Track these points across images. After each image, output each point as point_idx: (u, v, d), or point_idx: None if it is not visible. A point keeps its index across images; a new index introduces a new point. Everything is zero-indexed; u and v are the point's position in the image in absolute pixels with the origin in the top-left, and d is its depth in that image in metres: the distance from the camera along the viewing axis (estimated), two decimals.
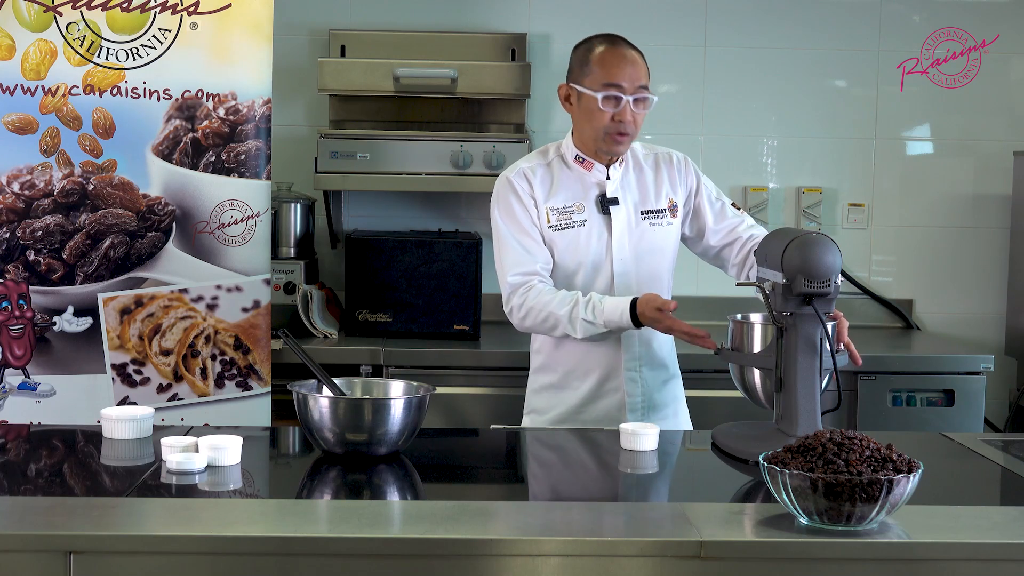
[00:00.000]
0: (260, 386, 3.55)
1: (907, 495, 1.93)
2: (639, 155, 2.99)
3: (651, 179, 2.96)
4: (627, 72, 2.82)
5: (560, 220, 2.88)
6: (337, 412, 2.35)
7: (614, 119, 2.82)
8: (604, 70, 2.82)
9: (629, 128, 2.83)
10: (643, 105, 2.84)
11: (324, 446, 2.39)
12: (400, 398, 2.38)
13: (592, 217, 2.89)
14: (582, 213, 2.89)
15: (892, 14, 4.44)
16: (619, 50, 2.85)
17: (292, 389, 2.44)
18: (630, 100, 2.81)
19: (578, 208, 2.89)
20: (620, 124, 2.82)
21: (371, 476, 2.32)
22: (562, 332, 2.80)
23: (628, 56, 2.84)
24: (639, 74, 2.83)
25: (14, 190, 3.45)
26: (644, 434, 2.49)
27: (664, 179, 2.96)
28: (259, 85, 3.52)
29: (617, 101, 2.81)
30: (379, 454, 2.38)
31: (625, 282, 2.90)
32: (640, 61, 2.85)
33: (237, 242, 3.52)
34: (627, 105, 2.81)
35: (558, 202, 2.89)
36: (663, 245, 2.94)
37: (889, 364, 3.83)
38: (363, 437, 2.35)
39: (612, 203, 2.89)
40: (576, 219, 2.88)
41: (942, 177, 4.51)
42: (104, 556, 1.90)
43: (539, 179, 2.90)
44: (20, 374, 3.49)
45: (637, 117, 2.84)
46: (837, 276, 2.40)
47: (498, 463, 2.62)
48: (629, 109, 2.81)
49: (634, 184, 2.94)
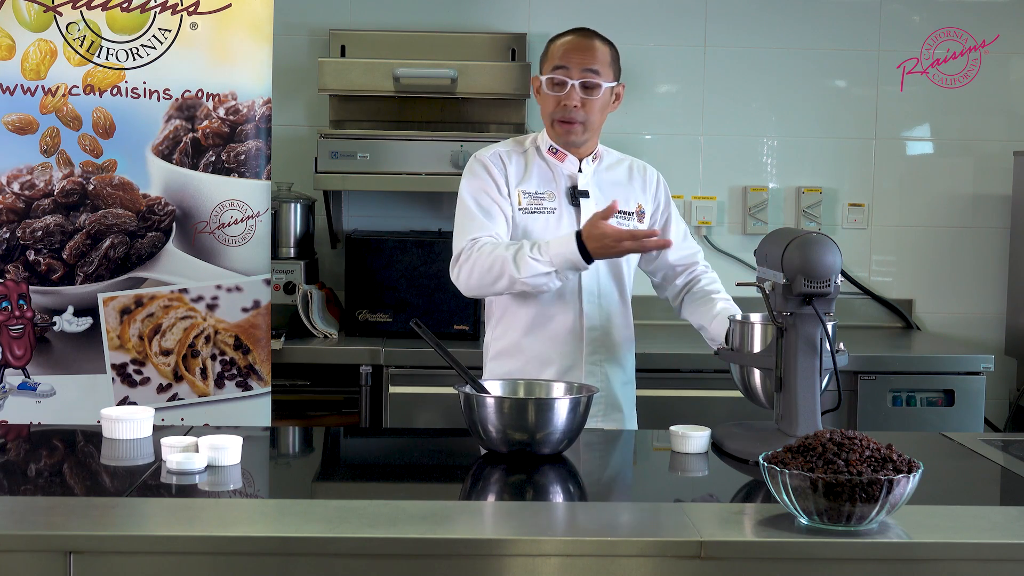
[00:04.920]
0: (260, 386, 3.55)
1: (907, 495, 1.93)
2: (614, 158, 2.98)
3: (623, 182, 2.95)
4: (575, 56, 2.79)
5: (531, 204, 2.86)
6: (503, 411, 2.40)
7: (560, 104, 2.78)
8: (555, 56, 2.81)
9: (577, 114, 2.79)
10: (593, 92, 2.79)
11: (489, 445, 2.44)
12: (564, 398, 2.43)
13: (562, 207, 2.87)
14: (553, 201, 2.87)
15: (892, 14, 4.44)
16: (575, 38, 2.83)
17: (459, 390, 2.48)
18: (576, 84, 2.77)
19: (549, 196, 2.88)
20: (565, 109, 2.78)
21: (534, 476, 2.35)
22: (507, 279, 2.69)
23: (583, 43, 2.81)
24: (589, 59, 2.79)
25: (14, 190, 3.45)
26: (694, 436, 2.50)
27: (636, 186, 2.96)
28: (259, 85, 3.52)
29: (563, 85, 2.78)
30: (543, 454, 2.41)
31: (592, 275, 2.87)
32: (597, 48, 2.81)
33: (237, 242, 3.52)
34: (573, 89, 2.77)
35: (531, 186, 2.88)
36: None
37: (889, 364, 3.83)
38: (526, 437, 2.39)
39: (583, 195, 2.88)
40: (547, 205, 2.87)
41: (942, 177, 4.51)
42: (104, 556, 1.90)
43: (513, 163, 2.89)
44: (20, 374, 3.49)
45: (587, 104, 2.79)
46: (837, 276, 2.40)
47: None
48: (576, 94, 2.77)
49: (605, 183, 2.92)
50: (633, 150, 4.42)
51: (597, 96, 2.79)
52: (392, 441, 2.95)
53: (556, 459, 2.43)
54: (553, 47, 2.85)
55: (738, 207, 4.47)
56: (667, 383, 3.77)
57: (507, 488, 2.33)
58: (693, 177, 4.46)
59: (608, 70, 2.82)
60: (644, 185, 2.97)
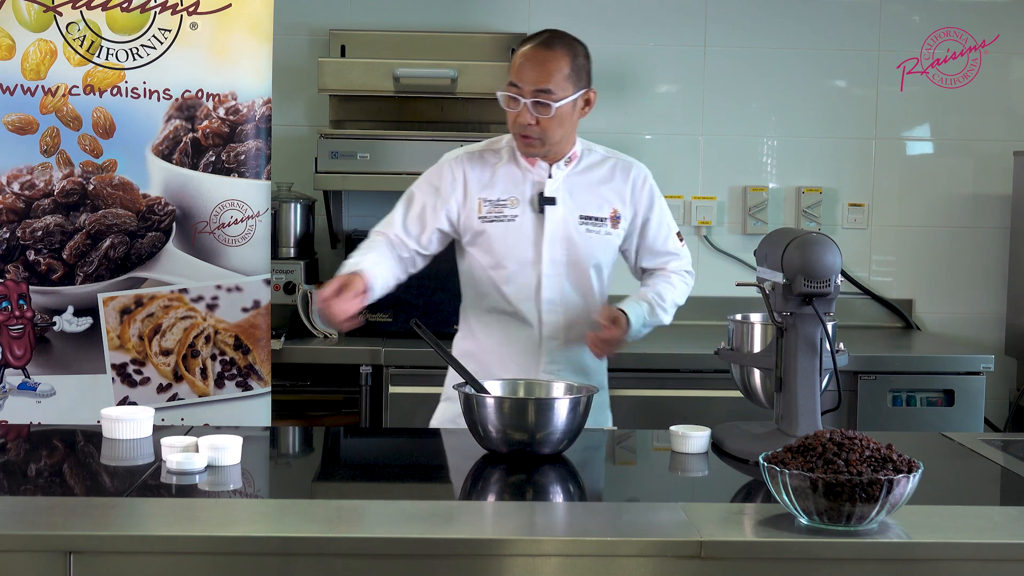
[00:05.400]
0: (260, 386, 3.55)
1: (907, 495, 1.93)
2: (596, 158, 2.88)
3: (599, 185, 2.85)
4: (527, 73, 2.70)
5: (491, 212, 2.81)
6: (503, 411, 2.40)
7: (515, 121, 2.72)
8: (512, 68, 2.74)
9: (532, 131, 2.71)
10: (544, 110, 2.69)
11: (489, 445, 2.44)
12: (564, 398, 2.43)
13: (525, 214, 2.81)
14: (515, 208, 2.81)
15: (892, 14, 4.44)
16: (531, 49, 2.73)
17: (459, 390, 2.49)
18: (528, 103, 2.69)
19: (512, 202, 2.81)
20: (520, 127, 2.72)
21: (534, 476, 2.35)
22: None
23: (538, 56, 2.71)
24: (542, 76, 2.69)
25: (14, 190, 3.45)
26: (694, 436, 2.50)
27: (614, 188, 2.86)
28: (259, 85, 3.52)
29: (515, 102, 2.71)
30: (543, 454, 2.42)
31: (554, 284, 2.83)
32: (552, 62, 2.70)
33: (237, 242, 3.52)
34: (525, 107, 2.70)
35: (493, 193, 2.81)
36: (598, 254, 2.85)
37: (889, 364, 3.83)
38: (526, 437, 2.40)
39: (549, 202, 2.80)
40: (508, 213, 2.80)
41: (942, 177, 4.51)
42: (104, 556, 1.90)
43: (480, 167, 2.83)
44: (20, 374, 3.49)
45: (542, 121, 2.70)
46: (837, 276, 2.40)
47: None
48: (528, 113, 2.69)
49: (579, 187, 2.83)
50: (633, 150, 4.42)
51: (550, 115, 2.70)
52: (392, 441, 2.95)
53: (556, 459, 2.44)
54: (514, 58, 2.76)
55: (738, 207, 4.47)
56: (667, 383, 3.78)
57: (507, 488, 2.33)
58: (693, 177, 4.46)
59: (565, 84, 2.71)
60: (623, 187, 2.87)
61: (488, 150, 2.87)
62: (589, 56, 2.81)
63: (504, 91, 2.73)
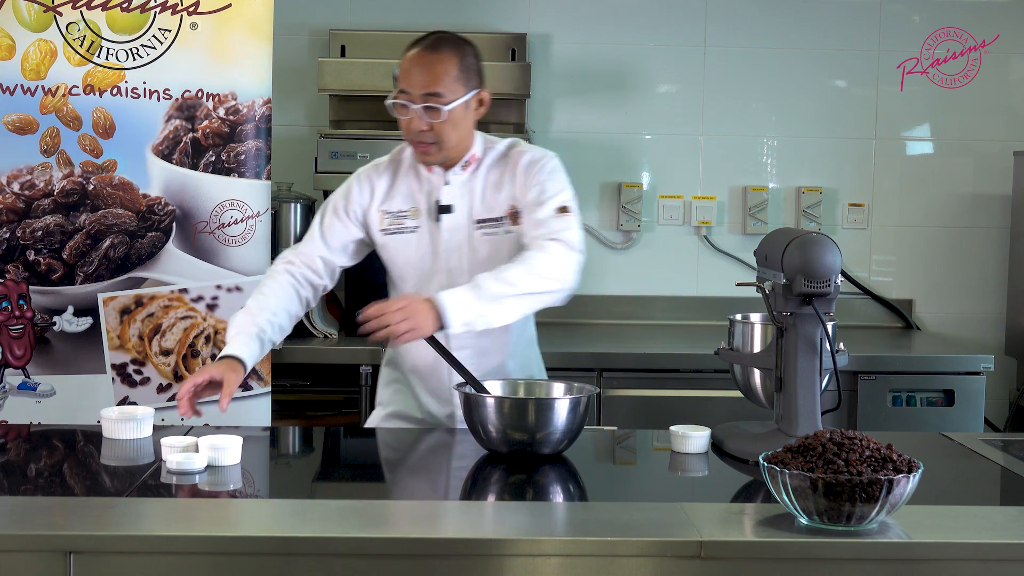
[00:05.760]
0: (260, 386, 3.55)
1: (907, 495, 1.93)
2: (495, 155, 2.77)
3: (496, 183, 2.75)
4: (414, 77, 2.62)
5: (391, 224, 2.76)
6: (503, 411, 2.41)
7: (408, 128, 2.65)
8: (400, 73, 2.65)
9: (426, 137, 2.64)
10: (435, 114, 2.61)
11: (489, 445, 2.45)
12: (564, 398, 2.43)
13: (424, 224, 2.75)
14: (416, 219, 2.75)
15: (892, 14, 4.44)
16: (417, 53, 2.65)
17: (459, 390, 2.50)
18: (418, 108, 2.61)
19: (413, 213, 2.76)
20: (412, 133, 2.65)
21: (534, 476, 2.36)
22: None
23: (423, 60, 2.63)
24: (430, 80, 2.61)
25: (14, 190, 3.45)
26: (694, 436, 2.50)
27: (509, 183, 2.74)
28: (259, 85, 3.52)
29: (405, 108, 2.63)
30: (543, 454, 2.42)
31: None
32: (439, 64, 2.62)
33: (237, 242, 3.52)
34: (416, 114, 2.62)
35: (394, 205, 2.77)
36: (497, 257, 2.71)
37: (889, 364, 3.83)
38: (526, 437, 2.40)
39: (445, 211, 2.73)
40: (408, 224, 2.75)
41: (942, 177, 4.51)
42: (104, 556, 1.90)
43: (383, 180, 2.78)
44: (20, 374, 3.49)
45: (435, 126, 2.62)
46: (837, 276, 2.41)
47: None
48: (420, 119, 2.62)
49: (477, 189, 2.75)
50: (633, 150, 4.45)
51: (441, 119, 2.62)
52: (392, 441, 2.95)
53: (556, 459, 2.44)
54: (401, 63, 2.66)
55: (738, 207, 4.47)
56: (667, 383, 3.78)
57: (507, 488, 2.33)
58: (693, 177, 4.46)
59: (455, 85, 2.63)
60: (516, 180, 2.73)
61: (393, 160, 2.81)
62: (479, 56, 2.73)
63: (393, 98, 2.64)
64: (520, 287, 2.55)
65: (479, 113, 2.72)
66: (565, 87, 4.40)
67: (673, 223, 4.46)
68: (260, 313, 2.69)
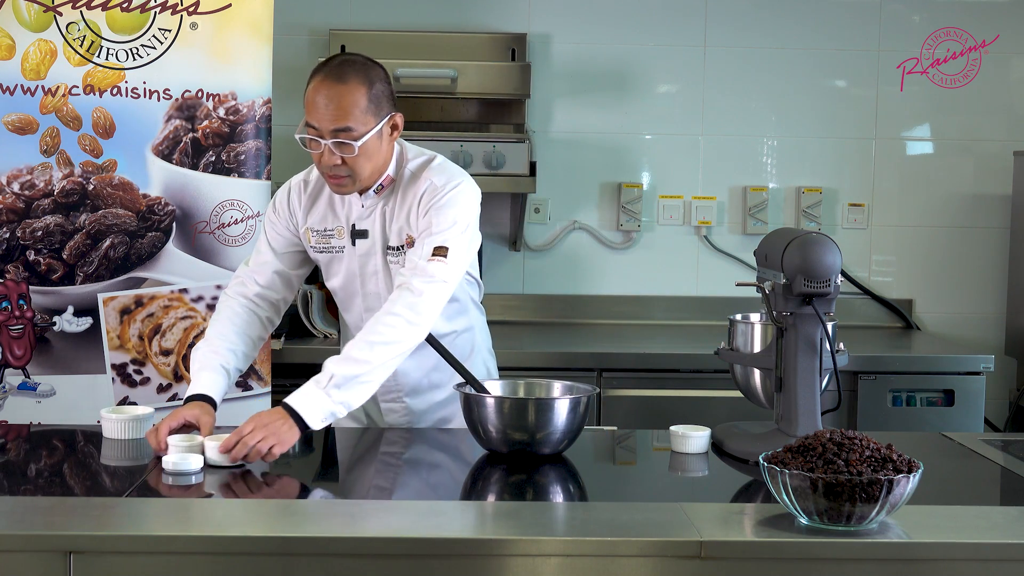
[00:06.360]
0: (260, 386, 3.55)
1: (907, 495, 1.93)
2: (408, 177, 2.67)
3: (400, 210, 2.66)
4: (322, 112, 2.51)
5: (320, 243, 2.73)
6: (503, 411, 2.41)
7: (320, 162, 2.56)
8: (307, 108, 2.54)
9: (339, 171, 2.55)
10: (346, 149, 2.51)
11: (489, 445, 2.45)
12: (564, 398, 2.43)
13: (347, 246, 2.71)
14: (341, 239, 2.71)
15: (892, 14, 4.44)
16: (323, 85, 2.52)
17: (459, 390, 2.50)
18: (329, 144, 2.51)
19: (338, 233, 2.71)
20: (325, 167, 2.56)
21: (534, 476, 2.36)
22: None
23: (330, 93, 2.51)
24: (339, 115, 2.50)
25: (14, 190, 3.45)
26: (694, 436, 2.50)
27: (410, 211, 2.64)
28: (259, 85, 3.52)
29: (316, 143, 2.53)
30: (543, 454, 2.42)
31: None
32: (345, 96, 2.50)
33: (237, 242, 3.52)
34: (327, 149, 2.52)
35: (319, 224, 2.73)
36: None
37: (889, 364, 3.83)
38: (526, 437, 2.40)
39: (360, 235, 2.68)
40: (335, 244, 2.72)
41: (942, 177, 4.51)
42: (104, 556, 1.90)
43: (308, 196, 2.73)
44: (20, 374, 3.49)
45: (348, 160, 2.53)
46: (837, 276, 2.41)
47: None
48: (332, 154, 2.52)
49: (387, 214, 2.67)
50: (633, 150, 4.45)
51: (354, 153, 2.52)
52: (392, 441, 2.95)
53: (556, 459, 2.44)
54: (307, 93, 2.55)
55: (738, 207, 4.47)
56: (667, 383, 3.78)
57: (507, 488, 2.33)
58: (693, 177, 4.46)
59: (365, 116, 2.52)
60: (416, 207, 2.63)
61: (316, 178, 2.74)
62: (388, 79, 2.61)
63: (301, 132, 2.55)
64: (374, 360, 2.47)
65: (394, 137, 2.63)
66: (565, 87, 4.40)
67: (673, 223, 4.46)
68: (220, 343, 2.66)
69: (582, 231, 4.45)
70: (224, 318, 2.73)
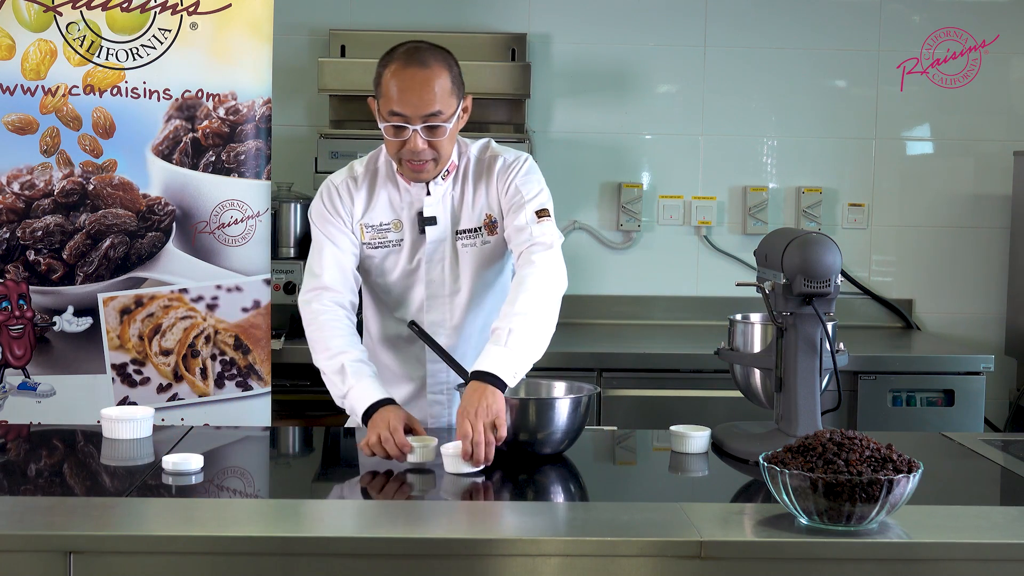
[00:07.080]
0: (260, 386, 3.55)
1: (907, 495, 1.93)
2: (471, 162, 2.71)
3: (472, 192, 2.69)
4: (412, 100, 2.52)
5: (375, 238, 2.70)
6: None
7: (405, 148, 2.56)
8: (389, 96, 2.54)
9: (424, 155, 2.56)
10: (437, 132, 2.54)
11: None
12: (565, 398, 2.43)
13: (408, 236, 2.69)
14: (399, 231, 2.69)
15: (892, 14, 4.45)
16: (408, 71, 2.53)
17: (460, 390, 2.51)
18: (419, 129, 2.53)
19: (395, 226, 2.69)
20: (411, 153, 2.56)
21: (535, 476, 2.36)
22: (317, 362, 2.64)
23: (417, 79, 2.52)
24: (427, 100, 2.52)
25: (14, 190, 3.45)
26: (694, 436, 2.50)
27: (484, 191, 2.69)
28: (259, 85, 3.52)
29: (403, 130, 2.54)
30: (544, 454, 2.43)
31: (438, 305, 2.72)
32: (435, 83, 2.53)
33: (237, 242, 3.52)
34: (416, 135, 2.53)
35: (375, 219, 2.69)
36: (478, 266, 2.70)
37: (889, 364, 3.83)
38: (527, 436, 2.41)
39: (429, 222, 2.67)
40: (392, 238, 2.69)
41: (942, 177, 4.51)
42: (104, 556, 1.90)
43: (359, 193, 2.70)
44: (20, 374, 3.49)
45: (435, 143, 2.55)
46: (837, 276, 2.41)
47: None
48: (420, 139, 2.54)
49: (456, 199, 2.69)
50: (633, 150, 4.45)
51: (444, 136, 2.55)
52: None
53: (557, 459, 2.44)
54: (386, 81, 2.55)
55: (738, 207, 4.47)
56: (667, 383, 3.78)
57: (507, 488, 2.32)
58: (693, 177, 4.46)
59: (451, 99, 2.56)
60: (491, 186, 2.69)
61: (368, 171, 2.73)
62: (457, 60, 2.66)
63: (386, 121, 2.55)
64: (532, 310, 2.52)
65: (463, 120, 2.65)
66: (565, 87, 4.40)
67: (673, 223, 4.46)
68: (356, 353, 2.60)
69: (582, 231, 4.45)
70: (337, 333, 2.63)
